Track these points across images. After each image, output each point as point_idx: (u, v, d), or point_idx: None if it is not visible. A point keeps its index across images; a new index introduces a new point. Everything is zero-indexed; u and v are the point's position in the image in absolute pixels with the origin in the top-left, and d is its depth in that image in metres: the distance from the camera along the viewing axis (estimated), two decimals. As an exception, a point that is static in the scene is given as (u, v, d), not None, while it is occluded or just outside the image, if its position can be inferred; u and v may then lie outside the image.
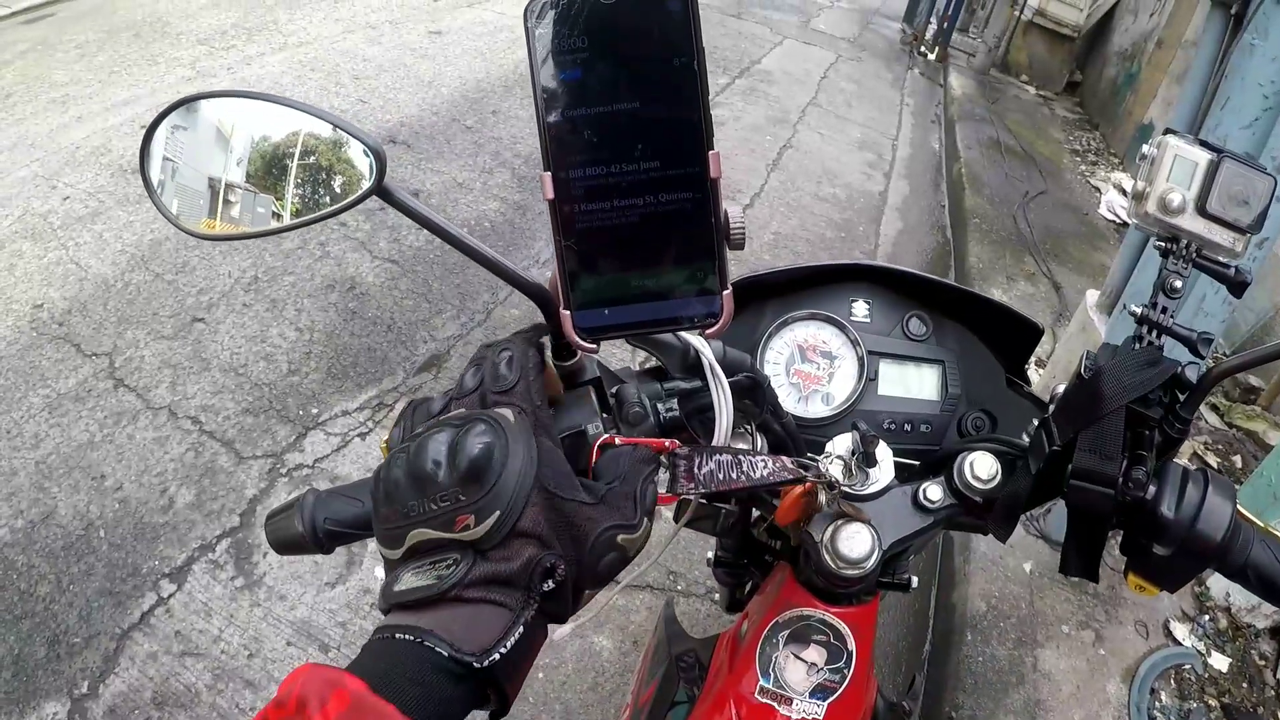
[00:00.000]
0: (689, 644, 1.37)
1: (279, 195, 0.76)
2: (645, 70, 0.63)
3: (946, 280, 1.23)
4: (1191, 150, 0.95)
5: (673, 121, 0.64)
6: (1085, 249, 6.23)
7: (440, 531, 0.66)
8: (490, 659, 0.63)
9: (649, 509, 0.74)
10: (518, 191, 5.58)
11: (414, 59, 7.37)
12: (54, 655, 2.69)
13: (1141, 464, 0.86)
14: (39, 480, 3.22)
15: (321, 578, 2.99)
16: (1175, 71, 7.69)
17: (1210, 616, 3.20)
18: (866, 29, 13.03)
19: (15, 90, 5.96)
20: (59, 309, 4.04)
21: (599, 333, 0.69)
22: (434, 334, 4.21)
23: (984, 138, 8.12)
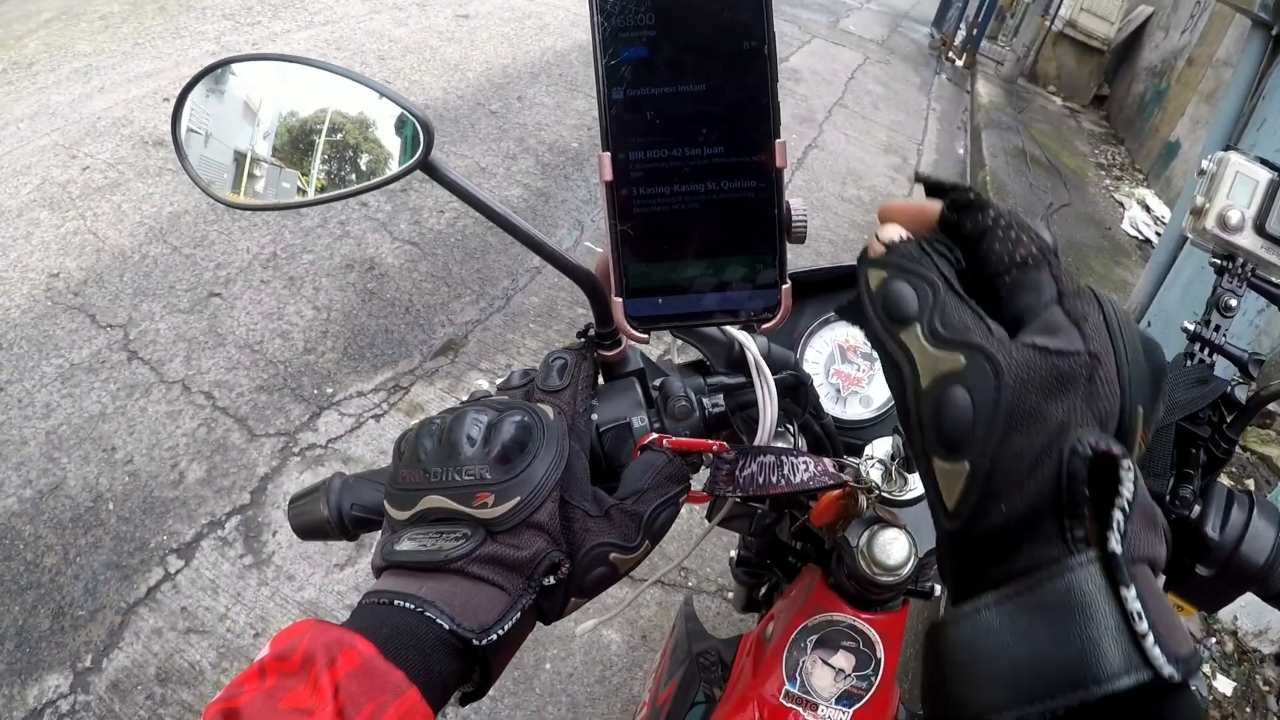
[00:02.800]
0: (710, 642, 1.35)
1: (305, 171, 0.75)
2: (714, 52, 0.61)
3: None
4: (1253, 168, 0.93)
5: (740, 107, 0.62)
6: (1107, 264, 6.21)
7: (456, 503, 0.67)
8: (489, 639, 0.64)
9: (655, 534, 0.74)
10: (541, 178, 5.56)
11: (440, 41, 7.36)
12: (58, 628, 2.68)
13: (1188, 482, 0.85)
14: (49, 450, 3.21)
15: (331, 559, 2.98)
16: (1205, 90, 7.67)
17: (1217, 639, 3.18)
18: (895, 32, 13.01)
19: (38, 59, 5.96)
20: (75, 279, 4.03)
21: (650, 322, 0.67)
22: (452, 318, 4.19)
23: (1009, 147, 8.10)
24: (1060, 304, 0.51)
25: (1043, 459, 0.47)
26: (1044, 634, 0.44)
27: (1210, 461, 0.87)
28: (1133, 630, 0.42)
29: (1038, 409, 0.48)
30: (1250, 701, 3.00)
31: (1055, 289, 0.52)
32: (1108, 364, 0.49)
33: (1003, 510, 0.48)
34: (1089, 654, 0.43)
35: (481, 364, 3.94)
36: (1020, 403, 0.48)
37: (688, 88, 0.61)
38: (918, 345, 0.52)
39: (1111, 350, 0.50)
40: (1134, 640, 0.42)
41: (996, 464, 0.48)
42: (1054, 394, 0.48)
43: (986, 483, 0.48)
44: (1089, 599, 0.44)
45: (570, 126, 6.33)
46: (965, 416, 0.49)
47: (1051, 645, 0.44)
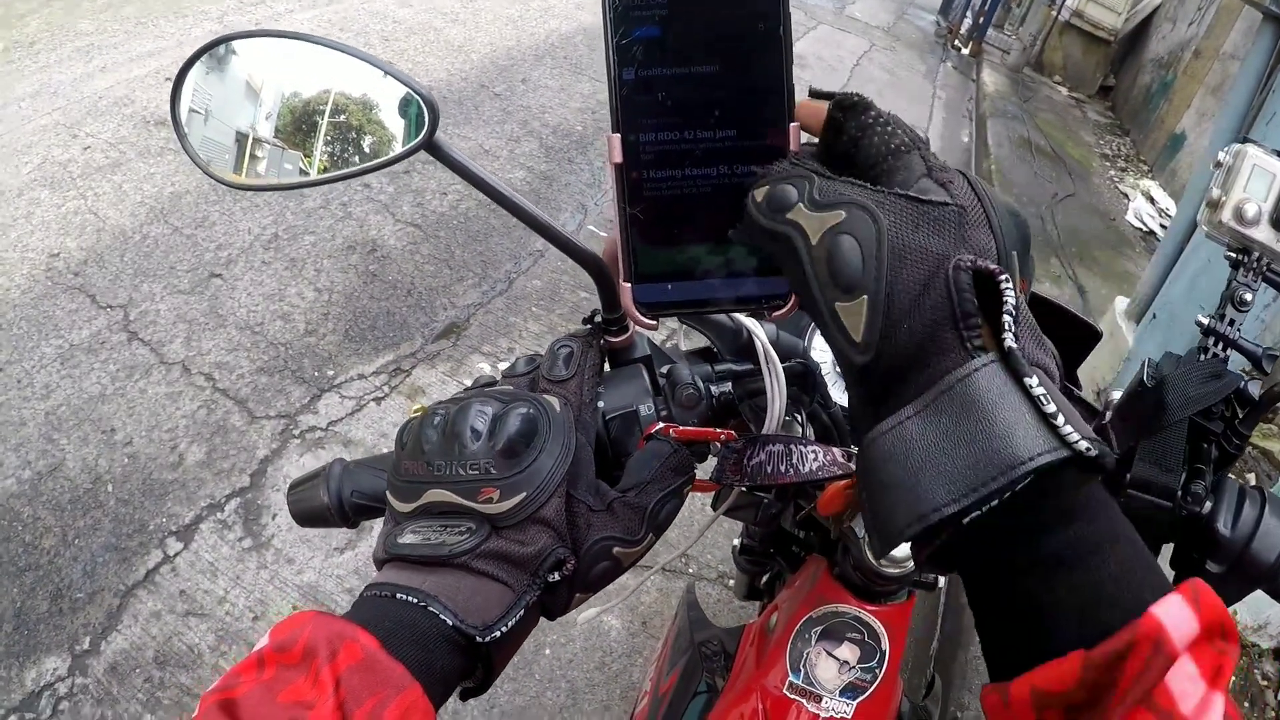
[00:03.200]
0: (712, 632, 1.35)
1: (307, 152, 0.74)
2: (727, 32, 0.60)
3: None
4: (1270, 161, 0.92)
5: (754, 89, 0.61)
6: (1111, 255, 6.20)
7: (461, 498, 0.66)
8: (492, 635, 0.63)
9: (659, 526, 0.74)
10: (545, 161, 5.55)
11: (444, 23, 7.34)
12: (56, 610, 2.67)
13: (1200, 478, 0.84)
14: (48, 431, 3.20)
15: (330, 543, 2.98)
16: (1211, 83, 7.65)
17: (1217, 633, 3.18)
18: (901, 19, 13.00)
19: (40, 38, 5.94)
20: (75, 259, 4.02)
21: (659, 309, 0.65)
22: (454, 301, 4.18)
23: (1014, 136, 8.09)
24: (930, 176, 0.56)
25: (932, 280, 0.51)
26: (964, 432, 0.47)
27: (1222, 457, 0.86)
28: (1042, 413, 0.46)
29: (918, 244, 0.52)
30: (1249, 696, 3.00)
31: (924, 166, 0.56)
32: (975, 214, 0.53)
33: (905, 329, 0.51)
34: (1007, 440, 0.46)
35: (484, 347, 3.93)
36: (900, 240, 0.52)
37: (700, 69, 0.60)
38: (803, 215, 0.55)
39: (979, 204, 0.54)
40: (1045, 422, 0.46)
41: (892, 292, 0.51)
42: (929, 232, 0.52)
43: (887, 309, 0.51)
44: (997, 393, 0.47)
45: (574, 109, 6.32)
46: (855, 256, 0.52)
47: (973, 440, 0.47)
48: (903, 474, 0.49)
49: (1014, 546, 0.49)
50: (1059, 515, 0.48)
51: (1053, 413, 0.46)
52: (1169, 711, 0.42)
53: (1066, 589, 0.47)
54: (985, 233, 0.53)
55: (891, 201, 0.53)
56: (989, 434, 0.46)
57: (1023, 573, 0.49)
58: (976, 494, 0.46)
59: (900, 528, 0.49)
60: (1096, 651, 0.44)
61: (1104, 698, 0.44)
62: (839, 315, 0.54)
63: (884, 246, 0.52)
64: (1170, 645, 0.42)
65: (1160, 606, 0.43)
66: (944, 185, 0.55)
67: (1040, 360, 0.50)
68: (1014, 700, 0.48)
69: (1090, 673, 0.44)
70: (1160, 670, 0.42)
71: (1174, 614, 0.43)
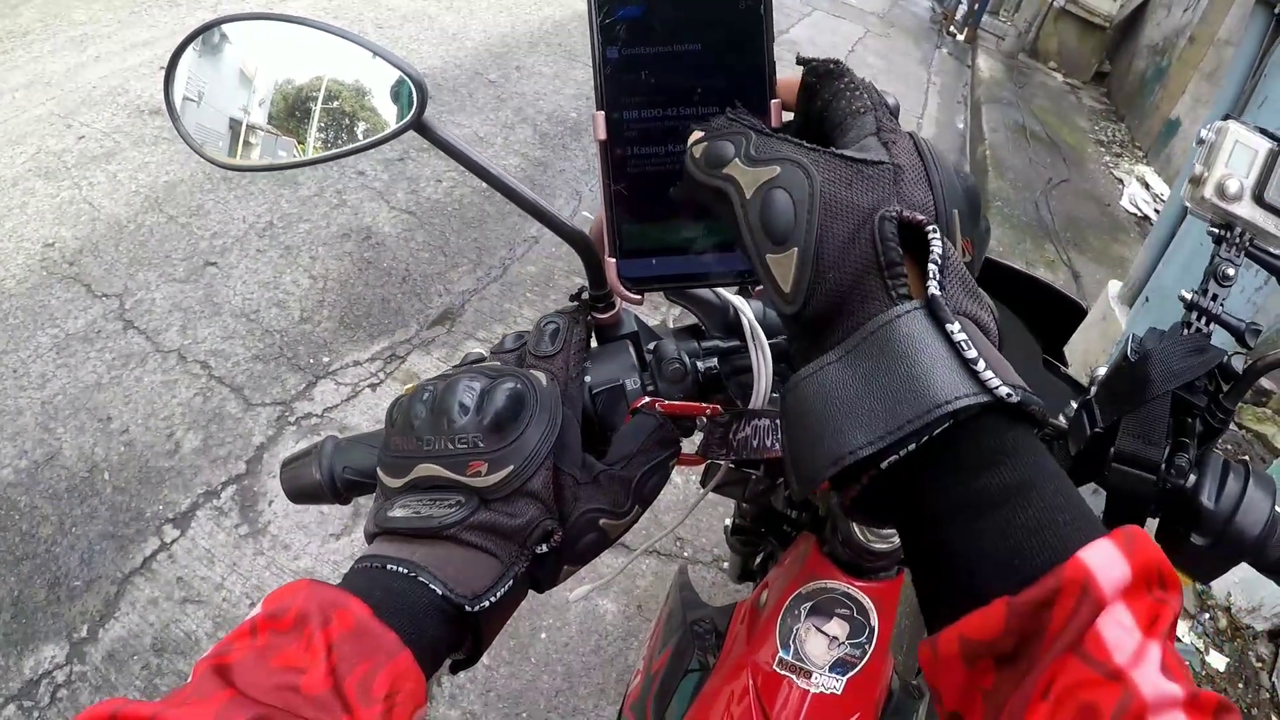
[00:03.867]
0: (704, 611, 1.35)
1: (300, 139, 0.75)
2: (710, 10, 0.61)
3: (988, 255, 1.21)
4: (1252, 137, 0.92)
5: (735, 66, 0.62)
6: (1105, 240, 6.20)
7: (449, 472, 0.67)
8: (481, 605, 0.64)
9: (645, 498, 0.75)
10: (539, 148, 5.55)
11: (438, 10, 7.32)
12: (54, 598, 2.68)
13: (1184, 451, 0.84)
14: (44, 420, 3.20)
15: (327, 528, 2.99)
16: (1206, 69, 7.64)
17: (1210, 615, 3.19)
18: (896, 5, 12.96)
19: (33, 28, 5.92)
20: (70, 248, 4.01)
21: (644, 283, 0.66)
22: (449, 287, 4.18)
23: (1009, 122, 8.08)
24: (877, 135, 0.57)
25: (859, 232, 0.52)
26: (883, 376, 0.49)
27: (1207, 431, 0.87)
28: (963, 358, 0.47)
29: (849, 199, 0.53)
30: (1243, 678, 3.02)
31: (875, 126, 0.57)
32: (914, 172, 0.55)
33: (831, 278, 0.52)
34: (925, 382, 0.47)
35: (478, 333, 3.94)
36: (832, 195, 0.53)
37: (683, 46, 0.61)
38: (738, 170, 0.56)
39: (920, 164, 0.56)
40: (965, 366, 0.47)
41: (821, 243, 0.53)
42: (862, 189, 0.54)
43: (816, 261, 0.53)
44: (918, 337, 0.48)
45: (569, 96, 6.31)
46: (786, 209, 0.53)
47: (891, 384, 0.48)
48: (822, 417, 0.50)
49: (937, 491, 0.49)
50: (981, 460, 0.48)
51: (973, 358, 0.47)
52: (1101, 661, 0.41)
53: (990, 535, 0.47)
54: (924, 190, 0.54)
55: (826, 159, 0.54)
56: (908, 377, 0.47)
57: (946, 519, 0.49)
58: (893, 436, 0.47)
59: (818, 469, 0.50)
60: (1020, 598, 0.43)
61: (1032, 646, 0.44)
62: (770, 266, 0.55)
63: (815, 200, 0.53)
64: (1098, 591, 0.42)
65: (1088, 551, 0.43)
66: (887, 145, 0.56)
67: (970, 310, 0.51)
68: (943, 652, 0.48)
69: (1015, 620, 0.43)
70: (1088, 617, 0.42)
71: (1102, 559, 0.43)
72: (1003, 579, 0.45)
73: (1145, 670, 0.41)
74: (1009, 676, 0.45)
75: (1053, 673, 0.42)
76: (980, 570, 0.47)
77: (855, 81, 0.60)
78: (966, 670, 0.47)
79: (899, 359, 0.48)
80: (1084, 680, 0.41)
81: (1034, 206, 6.32)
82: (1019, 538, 0.46)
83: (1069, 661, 0.42)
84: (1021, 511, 0.46)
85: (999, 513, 0.47)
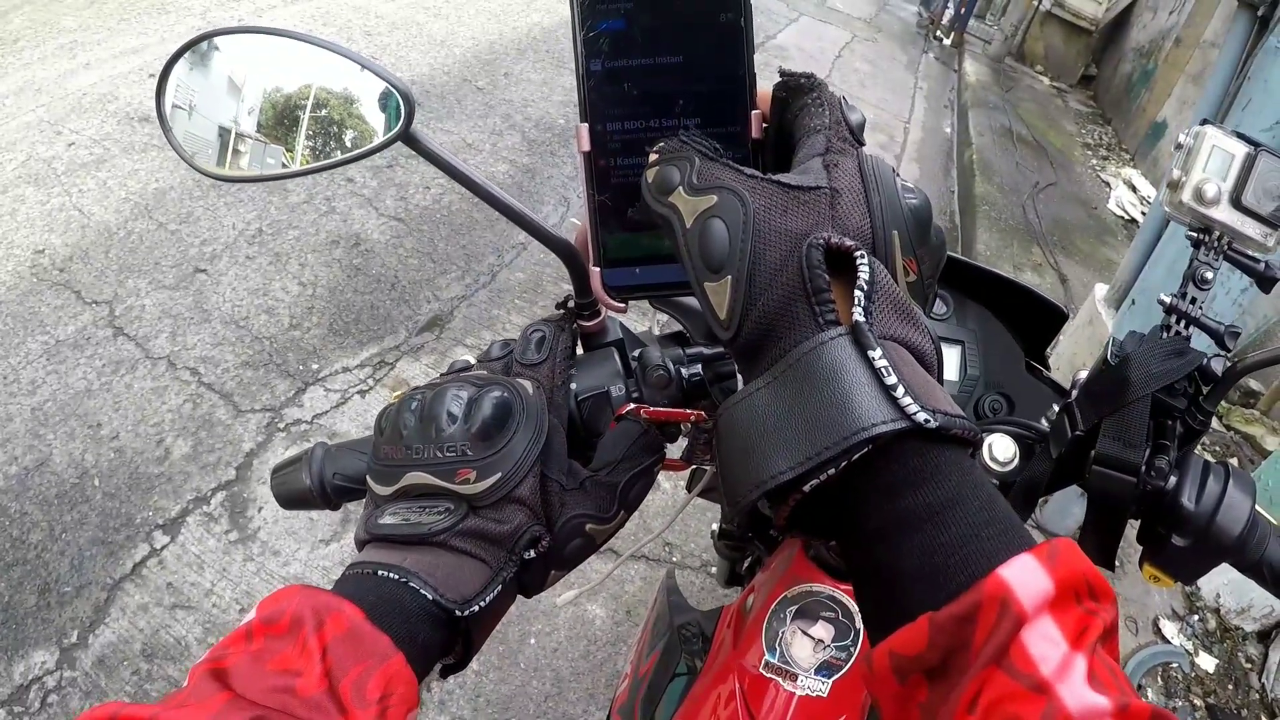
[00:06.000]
0: (691, 615, 1.36)
1: (289, 147, 0.75)
2: (690, 24, 0.61)
3: (971, 260, 1.22)
4: (1229, 142, 0.93)
5: (716, 78, 0.63)
6: (1093, 243, 6.22)
7: (438, 479, 0.68)
8: (470, 610, 0.65)
9: (630, 503, 0.76)
10: (527, 155, 5.55)
11: (427, 17, 7.32)
12: (44, 604, 2.68)
13: (1164, 453, 0.85)
14: (34, 427, 3.20)
15: (316, 534, 2.99)
16: (1192, 71, 7.66)
17: (1200, 616, 3.21)
18: (883, 10, 12.99)
19: (23, 35, 5.90)
20: (60, 255, 4.00)
21: (628, 292, 0.67)
22: (438, 294, 4.19)
23: (996, 126, 8.10)
24: (823, 156, 0.58)
25: (789, 259, 0.53)
26: (806, 402, 0.49)
27: (1187, 433, 0.88)
28: (883, 384, 0.48)
29: (781, 226, 0.54)
30: (1233, 679, 3.03)
31: (824, 146, 0.58)
32: (850, 195, 0.55)
33: (761, 304, 0.53)
34: (844, 408, 0.48)
35: (467, 339, 3.94)
36: (765, 223, 0.54)
37: (664, 59, 0.62)
38: (680, 198, 0.57)
39: (861, 188, 0.56)
40: (885, 392, 0.48)
41: (753, 271, 0.53)
42: (796, 215, 0.54)
43: (748, 288, 0.53)
44: (842, 363, 0.49)
45: (557, 103, 6.31)
46: (721, 238, 0.54)
47: (813, 409, 0.49)
48: (747, 443, 0.51)
49: (864, 512, 0.50)
50: (904, 481, 0.49)
51: (893, 384, 0.48)
52: (1027, 673, 0.42)
53: (915, 553, 0.47)
54: (860, 213, 0.55)
55: (763, 186, 0.55)
56: (828, 404, 0.48)
57: (875, 538, 0.50)
58: (811, 461, 0.48)
59: (742, 494, 0.51)
60: (941, 614, 0.44)
61: (957, 660, 0.44)
62: (708, 294, 0.56)
63: (749, 228, 0.54)
64: (1018, 605, 0.42)
65: (1007, 568, 0.44)
66: (829, 167, 0.57)
67: (901, 334, 0.52)
68: (877, 667, 0.48)
69: (938, 635, 0.44)
70: (1010, 631, 0.42)
71: (1022, 575, 0.43)
72: (927, 595, 0.46)
73: (1071, 682, 0.42)
74: (939, 690, 0.46)
75: (978, 685, 0.43)
76: (907, 587, 0.48)
77: (822, 97, 0.62)
78: (899, 684, 0.47)
79: (821, 385, 0.49)
80: (1010, 693, 0.42)
81: (1021, 210, 6.34)
82: (942, 555, 0.47)
83: (994, 675, 0.43)
84: (944, 530, 0.47)
85: (922, 531, 0.48)
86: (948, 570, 0.46)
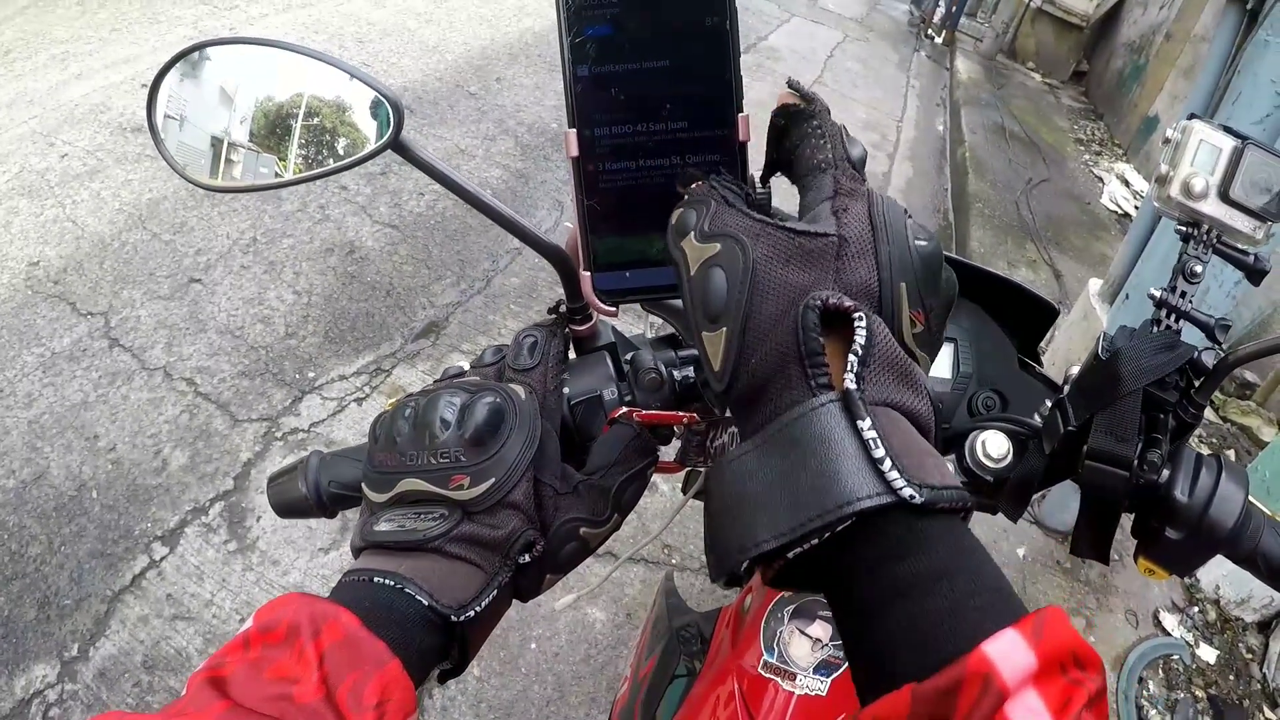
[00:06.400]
0: (690, 617, 1.36)
1: (282, 156, 0.76)
2: (676, 28, 0.62)
3: (963, 257, 1.22)
4: (1216, 136, 0.93)
5: (702, 82, 0.63)
6: (1086, 238, 6.23)
7: (433, 485, 0.68)
8: (466, 615, 0.66)
9: (624, 506, 0.76)
10: (520, 160, 5.55)
11: (418, 24, 7.31)
12: (44, 617, 2.68)
13: (1156, 447, 0.86)
14: (31, 440, 3.20)
15: (315, 543, 2.99)
16: (1183, 66, 7.67)
17: (1200, 608, 3.22)
18: (874, 9, 12.99)
19: (14, 46, 5.90)
20: (55, 267, 4.00)
21: (619, 295, 0.68)
22: (433, 300, 4.19)
23: (989, 123, 8.11)
24: (832, 200, 0.57)
25: (785, 316, 0.53)
26: (793, 469, 0.49)
27: (1179, 427, 0.88)
28: (871, 457, 0.47)
29: (782, 279, 0.54)
30: (1234, 669, 3.04)
31: (833, 188, 0.58)
32: (859, 244, 0.55)
33: (755, 361, 0.53)
34: (832, 480, 0.47)
35: (463, 345, 3.94)
36: (765, 274, 0.54)
37: (651, 64, 0.62)
38: (690, 245, 0.57)
39: (870, 236, 0.55)
40: (873, 465, 0.47)
41: (748, 325, 0.54)
42: (800, 266, 0.54)
43: (741, 341, 0.54)
44: (830, 432, 0.48)
45: (549, 107, 6.31)
46: (721, 289, 0.54)
47: (800, 478, 0.48)
48: (734, 506, 0.51)
49: (849, 580, 0.50)
50: (890, 552, 0.48)
51: (880, 457, 0.47)
52: None
53: (901, 623, 0.47)
54: (868, 264, 0.55)
55: (769, 234, 0.55)
56: (816, 473, 0.48)
57: (861, 603, 0.49)
58: (795, 533, 0.47)
59: (727, 559, 0.51)
60: (924, 686, 0.44)
61: None
62: (704, 343, 0.56)
63: (747, 280, 0.54)
64: (1000, 682, 0.42)
65: (991, 643, 0.43)
66: (838, 213, 0.56)
67: (896, 399, 0.51)
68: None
69: (920, 706, 0.44)
70: (992, 707, 0.42)
71: (1006, 650, 0.43)
72: (911, 665, 0.46)
73: None
74: None
75: None
76: (892, 655, 0.47)
77: (823, 127, 0.61)
78: None
79: (809, 454, 0.48)
80: None
81: (1014, 206, 6.34)
82: (928, 625, 0.46)
83: None
84: (931, 600, 0.47)
85: (909, 601, 0.47)
86: (933, 641, 0.46)
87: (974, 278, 1.21)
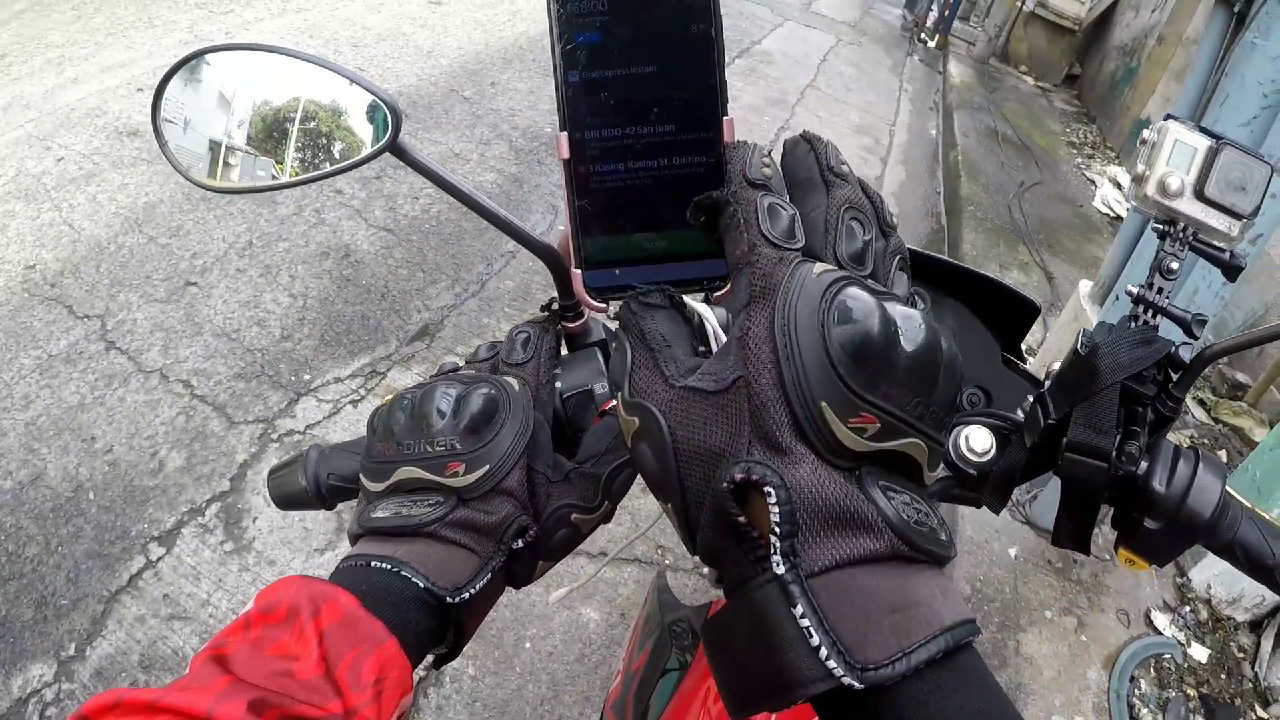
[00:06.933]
0: (681, 611, 1.38)
1: (279, 159, 0.77)
2: (663, 35, 0.63)
3: (945, 257, 1.24)
4: (1191, 136, 0.95)
5: (689, 86, 0.64)
6: (1079, 240, 6.24)
7: (429, 473, 0.70)
8: (461, 597, 0.67)
9: (614, 494, 0.78)
10: (515, 164, 5.57)
11: (413, 28, 7.33)
12: (41, 617, 2.69)
13: (1135, 440, 0.87)
14: (28, 442, 3.22)
15: (311, 543, 3.00)
16: (1175, 68, 7.69)
17: (1191, 608, 3.23)
18: (868, 14, 13.00)
19: (10, 51, 5.91)
20: (51, 270, 4.02)
21: (609, 293, 0.69)
22: (428, 303, 4.20)
23: (981, 126, 8.12)
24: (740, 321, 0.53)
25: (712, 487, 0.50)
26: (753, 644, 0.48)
27: (1158, 420, 0.89)
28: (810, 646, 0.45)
29: (702, 445, 0.52)
30: (1226, 668, 3.05)
31: (746, 296, 0.54)
32: (764, 378, 0.50)
33: (702, 536, 0.52)
34: (781, 664, 0.46)
35: (457, 348, 3.95)
36: (685, 445, 0.52)
37: (639, 69, 0.63)
38: (620, 414, 0.58)
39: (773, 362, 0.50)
40: (814, 652, 0.45)
41: (687, 500, 0.53)
42: (715, 427, 0.52)
43: (686, 516, 0.53)
44: (773, 614, 0.47)
45: (543, 111, 6.33)
46: (652, 467, 0.54)
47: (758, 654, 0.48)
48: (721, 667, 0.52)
49: None
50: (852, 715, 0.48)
51: (816, 645, 0.45)
52: None
53: None
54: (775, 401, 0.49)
55: (680, 399, 0.53)
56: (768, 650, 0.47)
57: None
58: (760, 708, 0.48)
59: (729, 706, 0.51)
60: None
61: None
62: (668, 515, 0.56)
63: (669, 455, 0.53)
64: None
65: None
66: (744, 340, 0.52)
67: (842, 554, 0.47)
68: None
69: None
70: None
71: None
72: None
73: None
74: None
75: None
76: None
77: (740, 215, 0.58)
78: None
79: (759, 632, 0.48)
80: None
81: (1007, 209, 6.36)
82: None
83: None
84: None
85: None
86: None
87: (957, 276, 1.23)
